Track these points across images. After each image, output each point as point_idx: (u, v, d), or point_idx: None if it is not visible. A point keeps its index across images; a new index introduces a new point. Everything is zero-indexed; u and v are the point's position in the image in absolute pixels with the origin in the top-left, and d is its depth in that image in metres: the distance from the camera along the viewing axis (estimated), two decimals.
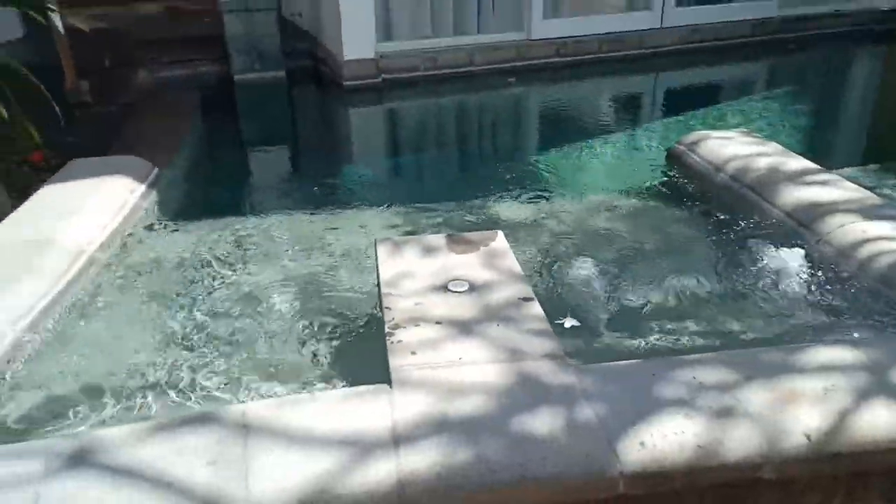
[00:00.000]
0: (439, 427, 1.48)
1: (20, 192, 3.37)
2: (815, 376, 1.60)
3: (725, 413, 1.51)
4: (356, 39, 4.89)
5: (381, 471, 1.39)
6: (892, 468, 1.55)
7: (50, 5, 4.27)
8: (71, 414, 1.78)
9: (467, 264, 2.17)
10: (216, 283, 2.38)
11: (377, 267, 2.22)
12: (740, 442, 1.46)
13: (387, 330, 1.85)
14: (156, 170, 3.23)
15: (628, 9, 6.11)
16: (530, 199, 3.17)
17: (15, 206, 2.72)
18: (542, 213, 2.98)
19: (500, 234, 2.36)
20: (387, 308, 1.95)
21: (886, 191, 2.93)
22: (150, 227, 2.80)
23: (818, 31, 6.54)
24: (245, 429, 1.50)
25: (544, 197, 3.21)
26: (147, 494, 1.34)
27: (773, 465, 1.46)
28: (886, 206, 2.50)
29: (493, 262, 2.18)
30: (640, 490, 1.46)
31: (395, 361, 1.71)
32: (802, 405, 1.52)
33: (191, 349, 1.99)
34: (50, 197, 2.80)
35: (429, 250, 2.28)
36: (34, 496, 1.33)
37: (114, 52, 5.11)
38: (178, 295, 2.31)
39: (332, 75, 5.21)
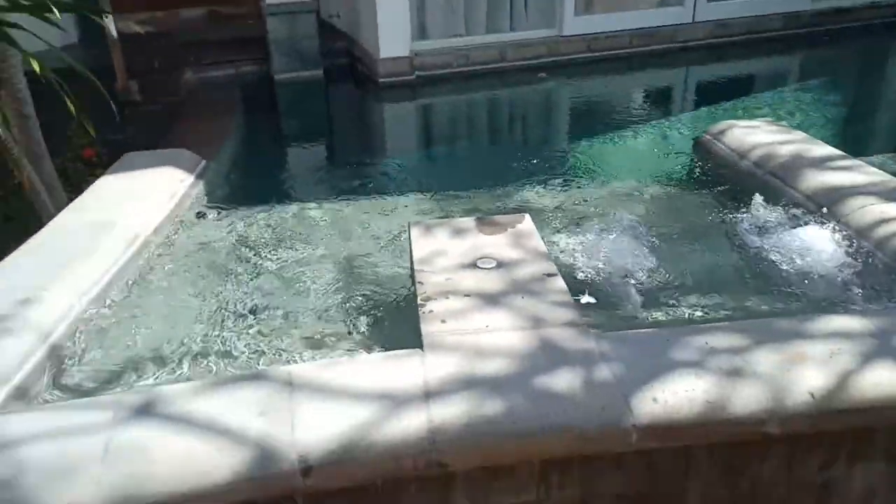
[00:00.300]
0: (467, 384, 1.62)
1: (74, 188, 3.61)
2: (821, 342, 1.69)
3: (734, 373, 1.61)
4: (392, 38, 5.07)
5: (414, 420, 1.53)
6: (894, 426, 1.64)
7: (105, 10, 4.55)
8: (133, 375, 1.96)
9: (495, 244, 2.31)
10: (262, 262, 2.55)
11: (410, 247, 2.37)
12: (747, 398, 1.56)
13: (419, 301, 1.99)
14: (203, 162, 3.43)
15: (661, 4, 6.16)
16: (561, 187, 3.27)
17: (71, 201, 2.94)
18: (572, 199, 3.08)
19: (527, 216, 2.49)
20: (419, 283, 2.10)
21: None
22: (199, 213, 2.99)
23: (854, 24, 6.49)
24: (290, 386, 1.65)
25: (575, 185, 3.31)
26: (206, 438, 1.50)
27: (777, 420, 1.56)
28: None
29: (519, 242, 2.31)
30: (652, 443, 1.57)
31: (427, 328, 1.85)
32: (808, 367, 1.62)
33: (242, 318, 2.16)
34: (108, 186, 3.02)
35: (459, 232, 2.42)
36: (105, 440, 1.51)
37: (161, 54, 5.37)
38: (227, 273, 2.49)
39: (368, 73, 5.40)
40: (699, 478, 1.70)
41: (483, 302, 1.97)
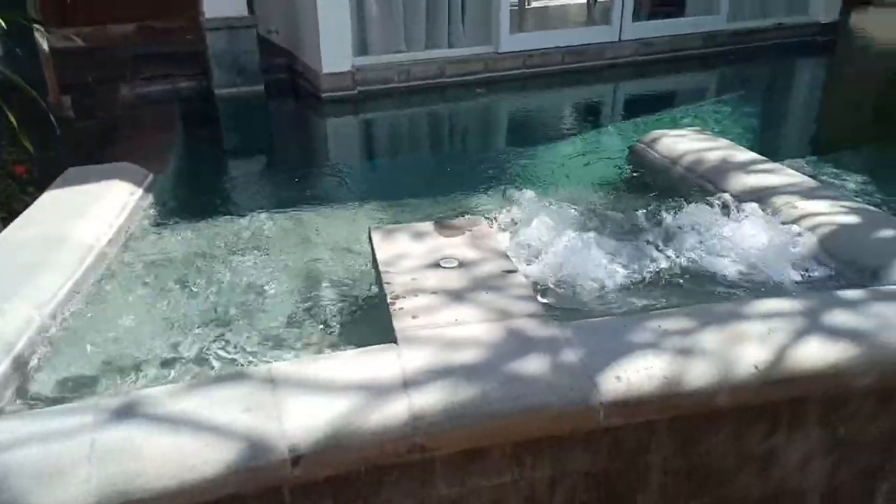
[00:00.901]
0: (442, 373, 1.71)
1: (3, 205, 3.49)
2: (759, 321, 1.87)
3: (685, 352, 1.76)
4: (334, 54, 5.15)
5: (396, 407, 1.61)
6: (826, 395, 1.83)
7: (36, 23, 4.44)
8: (99, 384, 1.95)
9: (455, 245, 2.41)
10: (215, 272, 2.56)
11: (373, 250, 2.44)
12: (699, 373, 1.72)
13: (388, 300, 2.07)
14: (151, 175, 3.41)
15: (589, 23, 6.48)
16: (501, 193, 3.38)
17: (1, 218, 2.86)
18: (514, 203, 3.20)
19: (482, 219, 2.61)
20: (386, 283, 2.17)
21: (823, 177, 3.26)
22: (150, 225, 2.97)
23: (763, 43, 7.01)
24: (272, 383, 1.70)
25: (516, 190, 3.42)
26: (193, 435, 1.53)
27: (727, 392, 1.72)
28: (821, 188, 2.82)
29: (477, 243, 2.43)
30: (617, 419, 1.70)
31: (399, 324, 1.93)
32: (750, 343, 1.79)
33: (204, 325, 2.18)
34: (55, 200, 2.96)
35: (419, 235, 2.52)
36: (90, 441, 1.51)
37: (94, 70, 5.26)
38: (185, 283, 2.49)
39: (310, 88, 5.45)
40: (659, 452, 1.83)
41: (449, 298, 2.07)
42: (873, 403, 1.93)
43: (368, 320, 2.23)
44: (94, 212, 2.84)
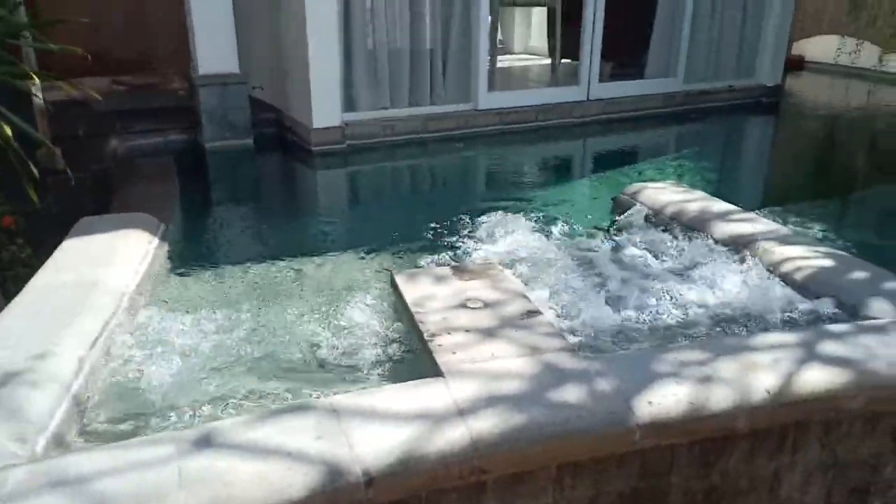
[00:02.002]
0: (492, 401, 1.87)
1: None
2: (766, 352, 2.10)
3: (706, 379, 1.97)
4: (324, 110, 5.39)
5: (457, 433, 1.76)
6: (825, 417, 2.06)
7: (31, 74, 4.52)
8: (154, 420, 2.04)
9: (476, 287, 2.60)
10: (241, 315, 2.68)
11: (398, 293, 2.61)
12: (720, 398, 1.92)
13: (426, 337, 2.23)
14: (163, 224, 3.51)
15: (560, 83, 6.91)
16: (488, 239, 3.54)
17: None
18: (502, 251, 3.38)
19: (497, 262, 2.81)
20: (420, 322, 2.34)
21: (789, 225, 3.59)
22: (171, 271, 3.07)
23: (716, 103, 7.57)
24: (335, 413, 1.83)
25: (497, 237, 3.59)
26: (272, 461, 1.65)
27: (745, 415, 1.93)
28: (793, 235, 3.13)
29: (497, 285, 2.62)
30: (650, 440, 1.88)
31: (442, 359, 2.09)
32: (761, 371, 2.01)
33: (240, 364, 2.30)
34: (76, 248, 3.03)
35: (439, 278, 2.70)
36: (177, 469, 1.61)
37: (86, 122, 5.33)
38: (215, 324, 2.60)
39: (300, 141, 5.64)
40: (680, 473, 2.02)
41: (482, 335, 2.24)
42: (862, 426, 2.17)
43: (398, 358, 2.36)
44: (117, 259, 2.93)
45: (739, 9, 7.50)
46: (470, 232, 3.64)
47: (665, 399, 1.90)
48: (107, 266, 2.82)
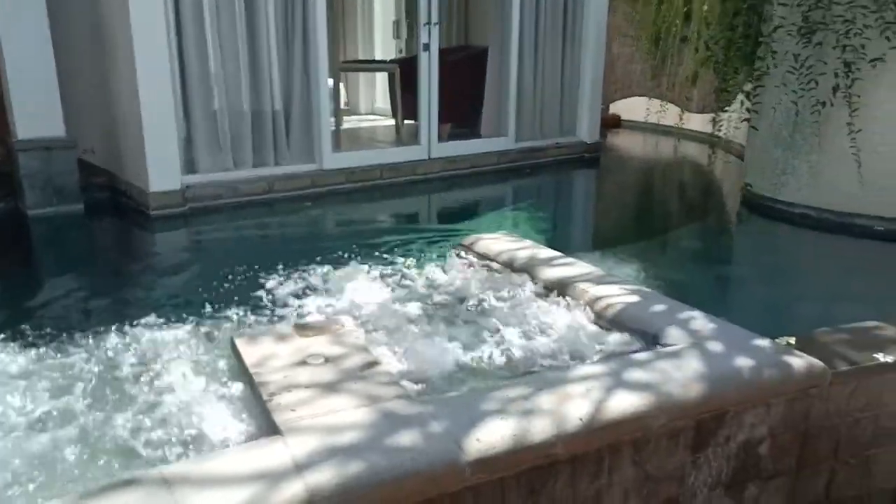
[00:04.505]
0: (330, 453, 1.93)
1: None
2: (580, 383, 2.34)
3: (527, 413, 2.16)
4: (161, 174, 5.24)
5: (292, 488, 1.79)
6: (634, 437, 2.31)
7: None
8: None
9: (318, 343, 2.66)
10: (64, 387, 2.54)
11: (238, 357, 2.61)
12: (540, 429, 2.11)
13: (265, 397, 2.26)
14: None
15: (402, 143, 7.23)
16: (330, 294, 3.62)
17: None
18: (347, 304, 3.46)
19: (342, 318, 2.89)
20: (259, 383, 2.36)
21: (606, 266, 4.00)
22: None
23: (545, 159, 8.27)
24: (166, 483, 1.80)
25: (344, 291, 3.67)
26: None
27: (562, 442, 2.13)
28: (607, 276, 3.50)
29: (338, 340, 2.70)
30: (481, 476, 2.02)
31: (280, 417, 2.12)
32: (575, 401, 2.24)
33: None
34: None
35: (281, 338, 2.73)
36: None
37: None
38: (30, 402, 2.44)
39: (136, 206, 5.43)
40: (511, 503, 2.18)
41: (322, 390, 2.30)
42: (666, 443, 2.45)
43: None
44: None
45: (557, 76, 8.30)
46: (314, 287, 3.70)
47: (491, 435, 2.06)
48: None
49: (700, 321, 2.88)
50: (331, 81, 6.91)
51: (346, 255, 4.32)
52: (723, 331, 2.81)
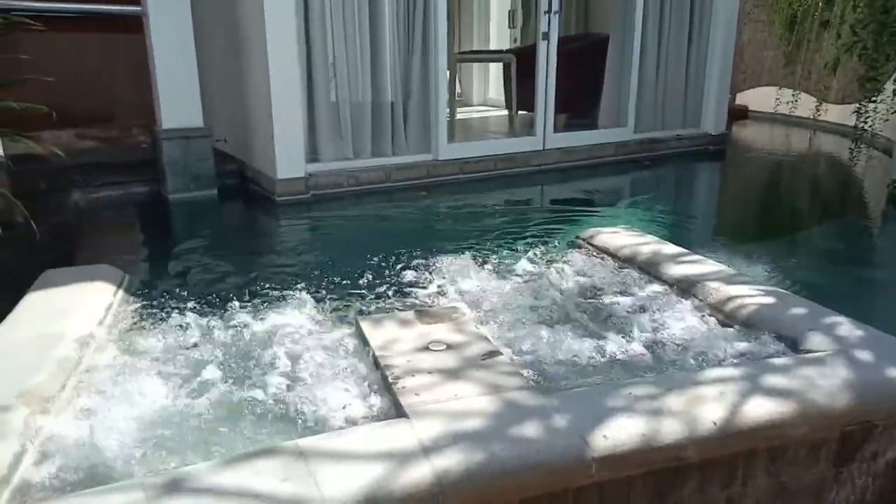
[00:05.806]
0: (455, 439, 1.94)
1: None
2: (712, 385, 2.22)
3: (656, 412, 2.08)
4: (288, 162, 5.50)
5: (420, 471, 1.82)
6: (771, 446, 2.17)
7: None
8: (129, 468, 2.05)
9: (439, 331, 2.69)
10: (207, 359, 2.71)
11: (363, 338, 2.68)
12: (669, 430, 2.03)
13: (391, 380, 2.31)
14: (126, 275, 3.53)
15: (517, 134, 7.17)
16: (452, 283, 3.63)
17: None
18: (472, 294, 3.48)
19: (461, 306, 2.91)
20: (385, 366, 2.41)
21: (735, 266, 3.77)
22: (136, 323, 3.08)
23: (666, 151, 7.93)
24: (302, 455, 1.88)
25: (462, 281, 3.68)
26: (241, 502, 1.69)
27: (694, 445, 2.03)
28: (738, 275, 3.31)
29: (459, 328, 2.72)
30: (607, 473, 1.97)
31: (406, 400, 2.16)
32: (707, 404, 2.13)
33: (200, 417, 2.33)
34: (39, 302, 3.04)
35: (403, 322, 2.78)
36: None
37: (47, 176, 5.34)
38: (174, 372, 2.62)
39: (264, 192, 5.73)
40: None
41: (445, 377, 2.32)
42: (805, 454, 2.29)
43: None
44: (80, 312, 2.94)
45: (682, 64, 7.93)
46: (433, 275, 3.74)
47: (619, 432, 2.00)
48: (68, 319, 2.84)
49: (846, 327, 2.66)
50: (447, 73, 6.97)
51: (462, 245, 4.36)
52: (872, 338, 2.58)
